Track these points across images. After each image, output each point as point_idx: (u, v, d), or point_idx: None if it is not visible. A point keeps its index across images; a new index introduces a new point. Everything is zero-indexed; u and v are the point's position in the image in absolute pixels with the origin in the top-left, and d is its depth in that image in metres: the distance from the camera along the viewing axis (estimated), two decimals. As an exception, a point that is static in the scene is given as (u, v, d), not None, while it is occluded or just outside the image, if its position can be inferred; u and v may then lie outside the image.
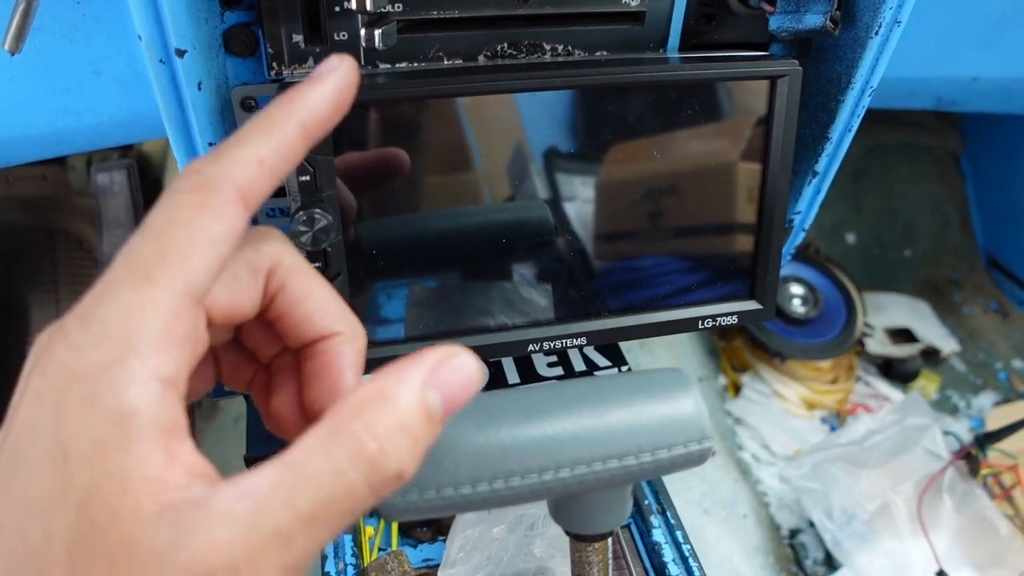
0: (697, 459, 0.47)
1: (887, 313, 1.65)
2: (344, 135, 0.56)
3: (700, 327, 0.69)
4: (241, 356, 0.40)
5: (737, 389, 1.47)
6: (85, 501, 0.27)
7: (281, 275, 0.37)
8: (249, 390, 0.41)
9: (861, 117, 0.71)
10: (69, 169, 1.50)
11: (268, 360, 0.40)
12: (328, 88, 0.35)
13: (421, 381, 0.33)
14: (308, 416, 0.38)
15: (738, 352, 1.50)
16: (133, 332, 0.29)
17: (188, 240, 0.31)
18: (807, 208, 0.78)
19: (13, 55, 0.58)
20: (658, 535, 0.79)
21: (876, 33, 0.65)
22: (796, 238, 0.81)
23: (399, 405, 0.32)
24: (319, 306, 0.37)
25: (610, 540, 0.52)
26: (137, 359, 0.29)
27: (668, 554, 0.77)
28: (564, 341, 0.67)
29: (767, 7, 0.67)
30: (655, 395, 0.47)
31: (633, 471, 0.46)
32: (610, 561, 0.54)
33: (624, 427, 0.45)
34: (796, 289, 1.50)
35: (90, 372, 0.28)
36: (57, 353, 0.29)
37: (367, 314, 0.63)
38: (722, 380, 1.49)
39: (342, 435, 0.30)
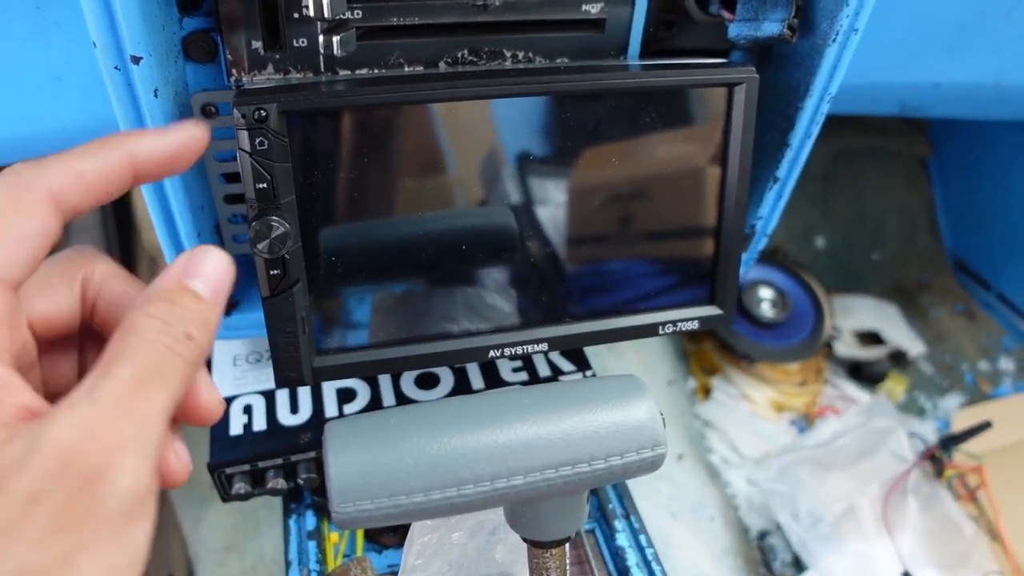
0: (650, 466, 0.47)
1: (855, 316, 1.66)
2: (306, 141, 0.56)
3: (661, 332, 0.70)
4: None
5: (707, 392, 1.48)
6: None
7: (96, 280, 0.40)
8: None
9: (821, 124, 0.72)
10: (35, 173, 1.48)
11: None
12: (169, 139, 0.40)
13: (175, 272, 0.38)
14: None
15: (707, 355, 1.50)
16: None
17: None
18: (769, 214, 0.79)
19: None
20: (622, 539, 0.79)
21: (834, 41, 0.66)
22: (759, 243, 0.82)
23: (168, 293, 0.37)
24: (135, 289, 0.41)
25: (568, 545, 0.53)
26: None
27: (632, 558, 0.78)
28: (526, 347, 0.67)
29: (726, 15, 0.67)
30: (609, 402, 0.47)
31: (586, 478, 0.46)
32: (569, 567, 0.54)
33: (577, 434, 0.46)
34: (764, 292, 1.51)
35: None
36: None
37: (329, 320, 0.63)
38: (692, 383, 1.50)
39: (134, 322, 0.35)
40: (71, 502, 0.31)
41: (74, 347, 0.42)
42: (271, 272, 0.57)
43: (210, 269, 0.38)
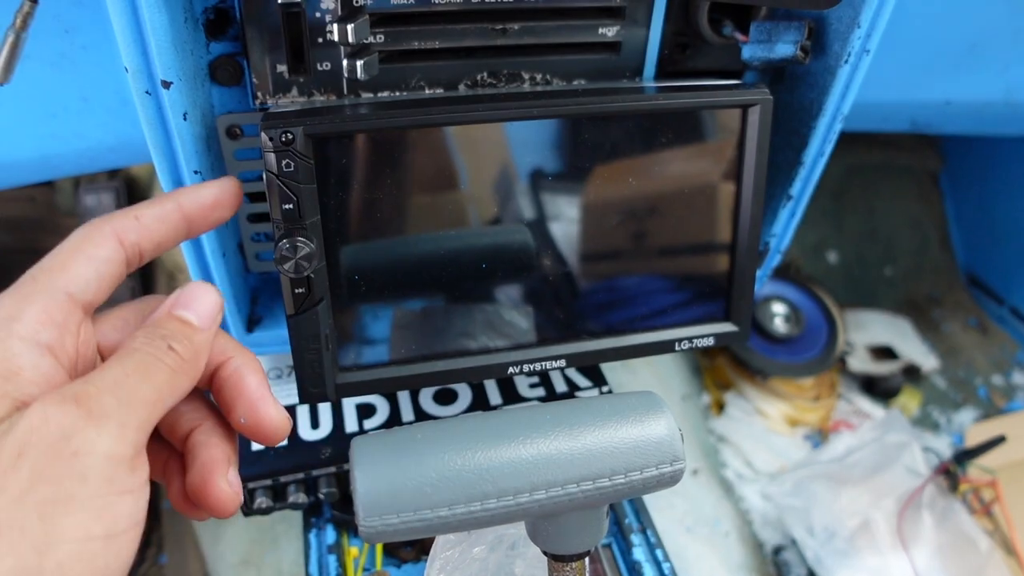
0: (669, 481, 0.48)
1: (868, 331, 1.66)
2: (330, 163, 0.58)
3: (677, 348, 0.71)
4: (153, 446, 0.46)
5: (720, 407, 1.49)
6: None
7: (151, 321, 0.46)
8: (163, 478, 0.48)
9: (834, 142, 0.73)
10: (57, 191, 1.50)
11: (182, 438, 0.47)
12: (209, 189, 0.50)
13: (168, 305, 0.44)
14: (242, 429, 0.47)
15: (721, 370, 1.51)
16: (21, 309, 0.40)
17: (70, 256, 0.42)
18: (783, 231, 0.80)
19: (2, 86, 0.59)
20: (639, 553, 0.80)
21: (846, 62, 0.67)
22: (772, 260, 0.83)
23: (158, 320, 0.44)
24: None
25: (587, 559, 0.53)
26: (19, 324, 0.39)
27: (649, 572, 0.78)
28: (544, 363, 0.68)
29: (740, 37, 0.69)
30: (628, 418, 0.48)
31: (607, 493, 0.47)
32: (588, 580, 0.55)
33: (598, 449, 0.47)
34: (778, 308, 1.52)
35: None
36: None
37: (351, 337, 0.64)
38: (706, 398, 1.51)
39: (127, 340, 0.42)
40: (52, 455, 0.34)
41: None
42: (296, 291, 0.58)
43: (197, 301, 0.44)
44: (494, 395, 0.87)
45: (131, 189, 1.48)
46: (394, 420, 0.84)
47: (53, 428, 0.35)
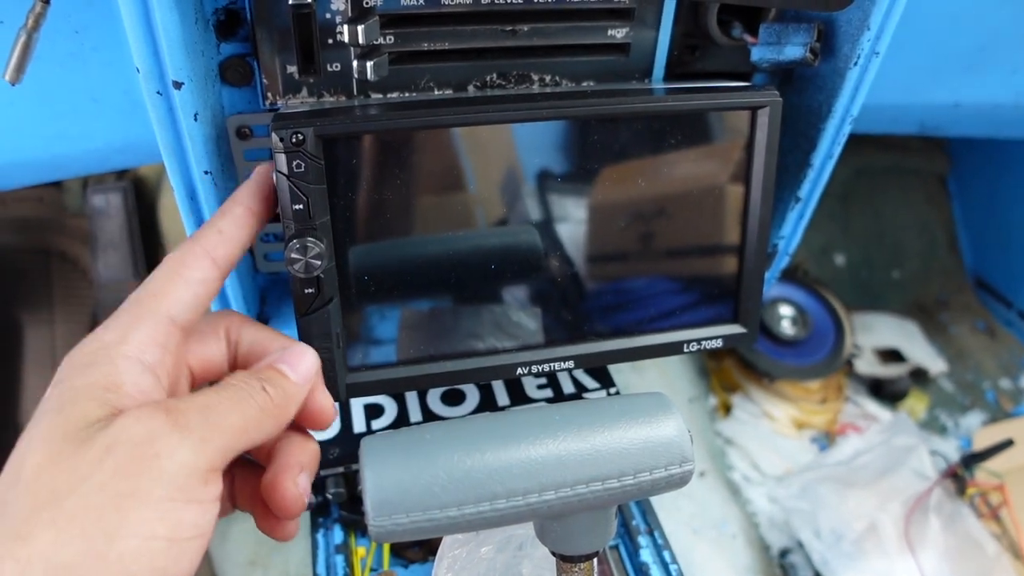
0: (678, 482, 0.48)
1: (876, 333, 1.66)
2: (340, 163, 0.58)
3: (685, 350, 0.70)
4: (245, 471, 0.52)
5: (727, 409, 1.49)
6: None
7: (235, 330, 0.52)
8: (251, 508, 0.52)
9: (843, 145, 0.73)
10: (65, 191, 1.51)
11: (270, 450, 0.50)
12: (258, 186, 0.54)
13: (271, 359, 0.49)
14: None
15: (728, 373, 1.51)
16: (128, 334, 0.44)
17: (169, 281, 0.47)
18: (791, 233, 0.80)
19: (13, 86, 0.59)
20: (646, 555, 0.80)
21: (855, 64, 0.67)
22: (781, 262, 0.83)
23: (259, 368, 0.48)
24: (267, 337, 0.52)
25: (595, 560, 0.53)
26: (126, 347, 0.43)
27: (656, 574, 0.78)
28: (552, 364, 0.68)
29: (749, 39, 0.69)
30: (638, 419, 0.48)
31: (616, 494, 0.47)
32: (596, 581, 0.55)
33: (607, 451, 0.47)
34: (785, 310, 1.51)
35: (98, 352, 0.42)
36: (83, 343, 0.43)
37: (359, 338, 0.64)
38: (712, 400, 1.50)
39: (233, 376, 0.46)
40: (137, 454, 0.37)
41: None
42: (306, 291, 0.58)
43: (298, 360, 0.49)
44: (502, 396, 0.87)
45: (139, 189, 1.49)
46: (402, 420, 0.84)
47: (142, 430, 0.38)
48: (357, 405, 0.86)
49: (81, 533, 0.35)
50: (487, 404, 0.86)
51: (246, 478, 0.51)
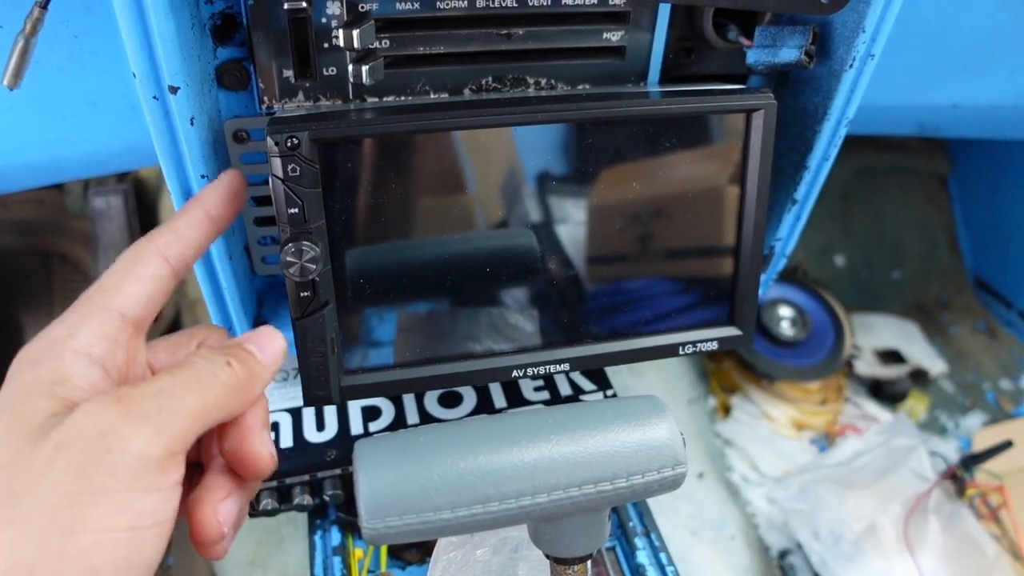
0: (671, 484, 0.48)
1: (876, 334, 1.66)
2: (336, 167, 0.58)
3: (681, 353, 0.71)
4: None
5: (727, 410, 1.49)
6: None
7: (210, 344, 0.51)
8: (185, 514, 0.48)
9: (839, 147, 0.73)
10: (66, 193, 1.51)
11: (207, 462, 0.49)
12: (221, 188, 0.54)
13: (239, 339, 0.49)
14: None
15: (727, 374, 1.51)
16: (78, 328, 0.44)
17: (121, 278, 0.47)
18: (788, 235, 0.80)
19: (12, 91, 0.60)
20: (642, 557, 0.80)
21: (850, 66, 0.67)
22: (777, 264, 0.83)
23: (224, 345, 0.48)
24: None
25: (589, 563, 0.54)
26: (74, 341, 0.43)
27: (653, 576, 0.79)
28: (548, 367, 0.68)
29: (744, 41, 0.69)
30: (630, 422, 0.48)
31: (609, 496, 0.47)
32: (591, 583, 0.55)
33: (599, 454, 0.47)
34: (784, 311, 1.51)
35: (45, 348, 0.43)
36: (33, 341, 0.44)
37: (356, 340, 0.65)
38: (712, 402, 1.50)
39: (196, 353, 0.46)
40: (89, 450, 0.37)
41: None
42: (301, 294, 0.59)
43: (266, 340, 0.49)
44: (499, 398, 0.87)
45: (139, 192, 1.49)
46: (399, 423, 0.84)
47: (92, 425, 0.38)
48: (355, 407, 0.86)
49: (38, 532, 0.35)
50: (484, 406, 0.86)
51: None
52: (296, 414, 0.85)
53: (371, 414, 0.85)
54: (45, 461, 0.37)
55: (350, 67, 0.60)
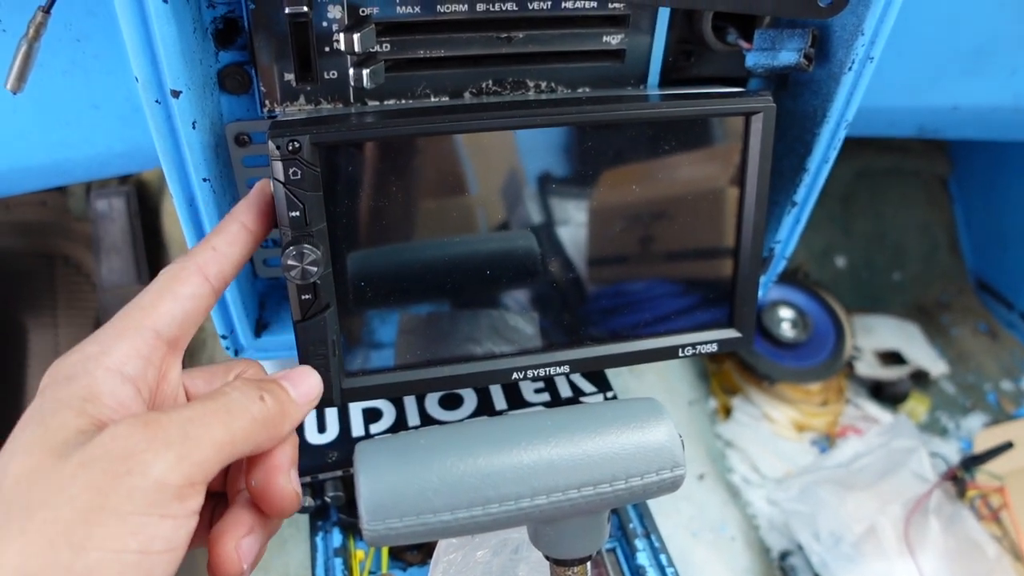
0: (670, 486, 0.49)
1: (876, 336, 1.66)
2: (337, 170, 0.58)
3: (681, 355, 0.71)
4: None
5: (727, 412, 1.49)
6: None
7: (249, 376, 0.51)
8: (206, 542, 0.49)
9: (838, 149, 0.73)
10: (69, 195, 1.52)
11: (233, 495, 0.50)
12: (256, 202, 0.54)
13: (276, 375, 0.49)
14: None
15: (728, 375, 1.51)
16: (111, 345, 0.44)
17: (158, 296, 0.47)
18: (787, 237, 0.80)
19: (15, 94, 0.60)
20: (643, 558, 0.80)
21: (850, 69, 0.67)
22: (777, 266, 0.83)
23: (259, 380, 0.48)
24: None
25: (589, 564, 0.54)
26: (107, 358, 0.43)
27: (653, 577, 0.79)
28: (548, 369, 0.68)
29: (744, 44, 0.69)
30: (629, 424, 0.48)
31: (608, 498, 0.48)
32: (591, 584, 0.55)
33: (598, 456, 0.47)
34: (785, 313, 1.52)
35: (78, 363, 0.43)
36: (67, 355, 0.44)
37: (357, 342, 0.65)
38: (712, 403, 1.51)
39: (231, 385, 0.46)
40: (110, 471, 0.38)
41: None
42: (303, 297, 0.59)
43: (301, 380, 0.49)
44: (499, 400, 0.87)
45: (142, 194, 1.50)
46: (400, 424, 0.84)
47: (117, 446, 0.38)
48: (356, 409, 0.86)
49: (49, 544, 0.36)
50: (485, 408, 0.86)
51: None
52: (297, 416, 0.85)
53: (372, 416, 0.85)
54: (67, 477, 0.37)
55: (351, 71, 0.60)
